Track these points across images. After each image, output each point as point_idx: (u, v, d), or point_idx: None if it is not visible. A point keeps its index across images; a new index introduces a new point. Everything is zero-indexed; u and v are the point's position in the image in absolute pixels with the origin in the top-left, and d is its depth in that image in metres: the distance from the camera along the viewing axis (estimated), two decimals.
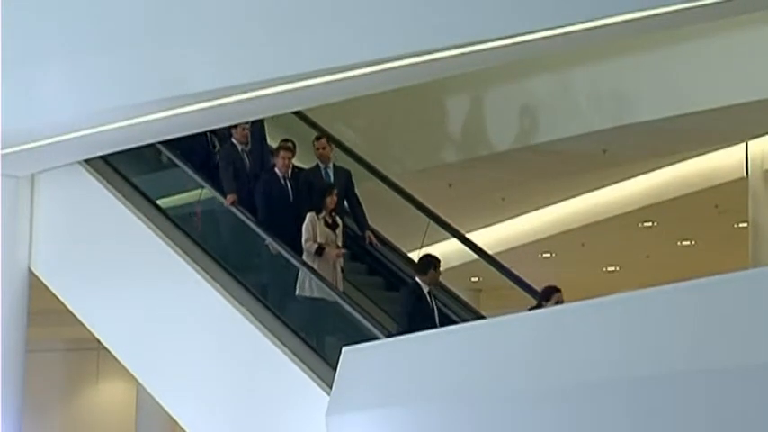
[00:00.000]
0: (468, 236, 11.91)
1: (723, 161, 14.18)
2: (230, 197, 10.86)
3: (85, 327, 11.16)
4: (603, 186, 15.67)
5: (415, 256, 11.62)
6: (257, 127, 11.68)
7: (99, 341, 11.20)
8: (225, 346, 10.28)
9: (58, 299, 11.23)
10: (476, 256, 11.56)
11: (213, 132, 11.57)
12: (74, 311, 11.15)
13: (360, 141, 13.30)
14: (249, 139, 11.40)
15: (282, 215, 10.87)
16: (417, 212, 11.69)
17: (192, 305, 10.48)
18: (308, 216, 10.61)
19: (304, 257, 10.51)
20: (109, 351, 11.11)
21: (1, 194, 11.10)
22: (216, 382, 10.26)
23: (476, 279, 16.77)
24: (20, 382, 11.19)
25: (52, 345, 21.26)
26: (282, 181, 11.07)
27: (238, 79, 8.95)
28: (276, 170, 11.10)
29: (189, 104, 9.43)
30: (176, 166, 11.32)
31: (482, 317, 10.84)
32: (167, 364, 10.64)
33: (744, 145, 13.75)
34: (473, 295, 16.99)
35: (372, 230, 11.59)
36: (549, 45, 8.30)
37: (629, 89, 12.02)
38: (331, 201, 10.75)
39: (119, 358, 10.99)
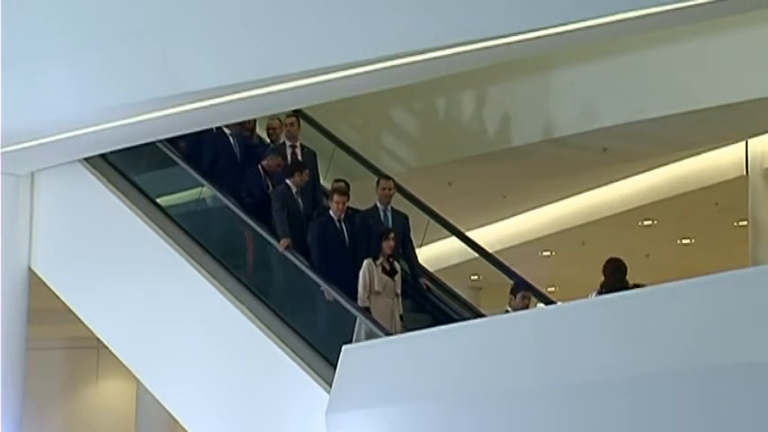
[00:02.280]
0: (468, 234, 11.91)
1: (723, 159, 14.17)
2: (284, 241, 10.38)
3: (85, 325, 11.17)
4: (604, 185, 15.66)
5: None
6: (310, 167, 11.32)
7: (99, 339, 11.20)
8: (225, 345, 10.28)
9: (57, 297, 11.23)
10: (476, 255, 11.57)
11: (267, 174, 11.18)
12: (74, 310, 11.15)
13: (359, 139, 13.30)
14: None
15: (338, 259, 10.42)
16: (417, 210, 11.67)
17: (192, 303, 10.48)
18: (365, 263, 10.10)
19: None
20: (109, 349, 11.11)
21: (1, 193, 11.10)
22: (216, 381, 10.27)
23: (476, 277, 16.77)
24: (20, 380, 11.20)
25: (52, 343, 21.22)
26: (338, 224, 10.60)
27: (238, 78, 8.96)
28: (330, 213, 10.64)
29: (189, 102, 9.44)
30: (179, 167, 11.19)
31: (482, 315, 10.84)
32: (167, 362, 10.64)
33: (744, 143, 13.75)
34: (473, 293, 16.98)
35: (424, 270, 11.22)
36: (548, 44, 8.31)
37: (630, 87, 12.01)
38: (388, 246, 10.19)
39: (118, 356, 11.00)
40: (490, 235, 16.39)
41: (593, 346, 7.37)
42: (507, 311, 10.08)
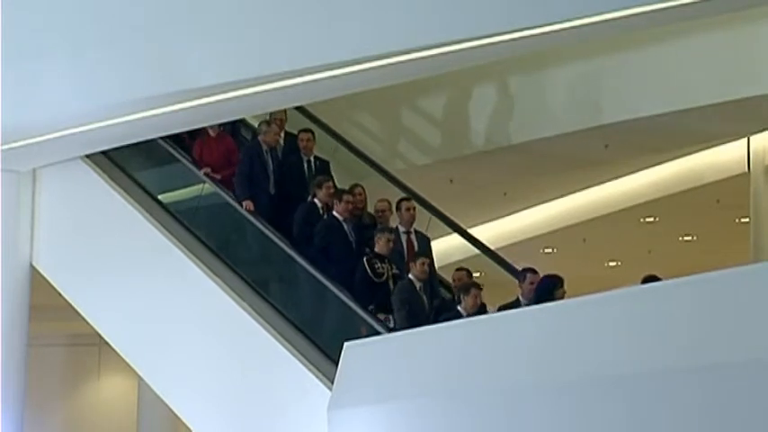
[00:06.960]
0: (469, 231, 11.91)
1: (725, 156, 14.17)
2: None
3: (87, 322, 11.17)
4: (605, 182, 15.67)
5: None
6: (429, 255, 10.73)
7: (100, 336, 11.21)
8: (227, 342, 10.28)
9: (59, 294, 11.23)
10: (477, 252, 11.56)
11: (381, 259, 10.40)
12: (75, 306, 11.16)
13: (362, 137, 13.30)
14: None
15: None
16: (419, 208, 11.67)
17: (194, 300, 10.48)
18: None
19: None
20: (110, 346, 11.12)
21: (2, 190, 11.10)
22: (218, 377, 10.27)
23: (477, 274, 16.74)
24: (21, 377, 11.21)
25: (54, 340, 21.26)
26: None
27: (241, 74, 8.96)
28: (460, 308, 9.86)
29: (191, 99, 9.43)
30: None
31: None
32: (169, 358, 10.64)
33: (745, 140, 13.75)
34: None
35: None
36: (547, 41, 8.31)
37: (631, 84, 12.01)
38: None
39: (120, 353, 11.00)
40: (492, 232, 16.39)
41: (595, 343, 7.37)
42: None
